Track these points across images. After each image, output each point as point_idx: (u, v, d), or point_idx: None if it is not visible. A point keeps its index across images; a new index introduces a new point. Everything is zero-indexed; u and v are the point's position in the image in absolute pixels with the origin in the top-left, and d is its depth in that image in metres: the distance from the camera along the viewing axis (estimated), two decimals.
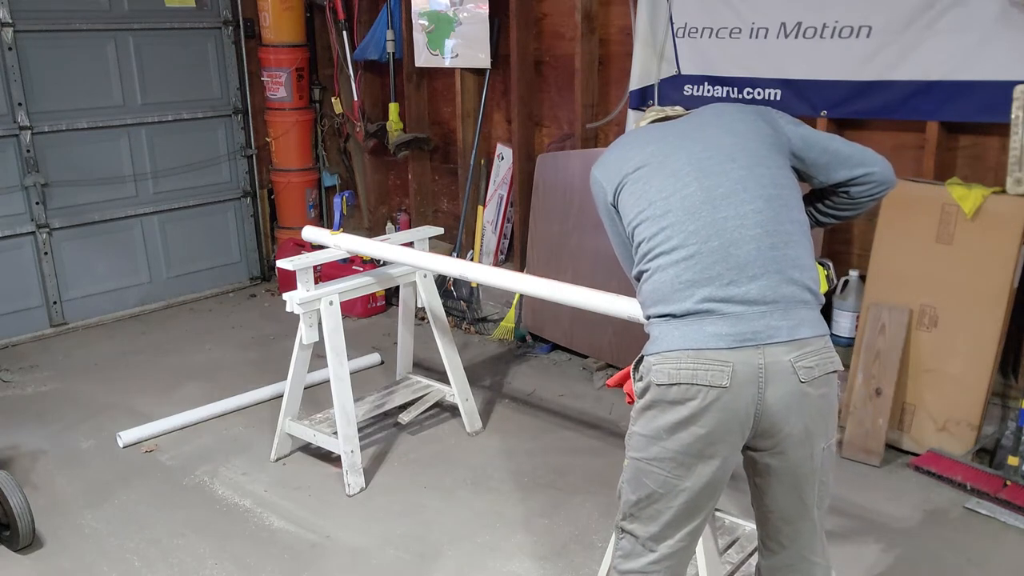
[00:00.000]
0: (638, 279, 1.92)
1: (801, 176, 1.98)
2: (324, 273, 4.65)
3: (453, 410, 3.82)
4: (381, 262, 3.68)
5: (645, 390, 1.81)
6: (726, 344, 1.73)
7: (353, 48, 5.36)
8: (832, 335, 3.76)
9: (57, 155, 4.84)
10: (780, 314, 1.76)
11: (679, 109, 2.14)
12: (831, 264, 2.19)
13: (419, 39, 4.99)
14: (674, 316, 1.79)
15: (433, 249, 3.61)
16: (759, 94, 3.75)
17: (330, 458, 3.46)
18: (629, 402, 1.90)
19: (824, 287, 2.13)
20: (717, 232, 1.79)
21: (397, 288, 3.84)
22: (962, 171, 3.39)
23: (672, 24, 3.93)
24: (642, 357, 1.84)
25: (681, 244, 1.81)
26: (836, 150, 1.96)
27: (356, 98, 5.44)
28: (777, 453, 1.82)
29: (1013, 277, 3.14)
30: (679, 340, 1.76)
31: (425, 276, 3.58)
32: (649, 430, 1.82)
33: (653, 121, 2.09)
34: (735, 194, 1.82)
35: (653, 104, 4.05)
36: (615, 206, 1.98)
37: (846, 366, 3.61)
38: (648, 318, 1.87)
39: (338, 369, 3.25)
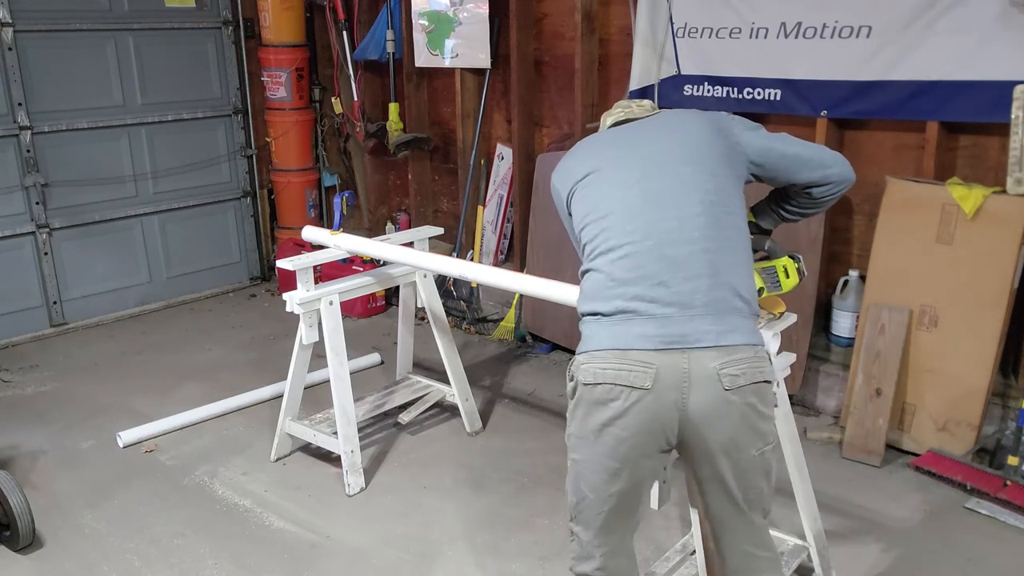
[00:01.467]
0: (582, 278, 1.95)
1: (762, 179, 2.00)
2: (324, 273, 4.65)
3: (453, 410, 3.82)
4: (381, 262, 3.68)
5: (575, 390, 1.82)
6: (652, 345, 1.73)
7: (353, 48, 5.36)
8: (832, 335, 3.79)
9: (57, 155, 4.84)
10: (711, 319, 1.75)
11: (645, 105, 2.14)
12: (802, 257, 2.24)
13: (419, 39, 4.99)
14: (603, 315, 1.80)
15: (433, 249, 3.61)
16: (759, 94, 3.75)
17: (330, 458, 3.46)
18: None
19: (795, 280, 2.19)
20: (653, 233, 1.80)
21: (397, 288, 3.85)
22: (962, 171, 3.39)
23: (672, 24, 3.93)
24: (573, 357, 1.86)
25: (618, 244, 1.82)
26: (795, 155, 1.98)
27: (356, 98, 5.44)
28: (705, 461, 1.81)
29: (1013, 277, 3.14)
30: (606, 340, 1.77)
31: (425, 276, 3.58)
32: (581, 431, 1.83)
33: (615, 123, 2.11)
34: (676, 198, 1.83)
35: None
36: (569, 212, 2.02)
37: (846, 366, 3.61)
38: (582, 316, 1.88)
39: (338, 369, 3.25)
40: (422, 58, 5.03)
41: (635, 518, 1.93)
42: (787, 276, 2.21)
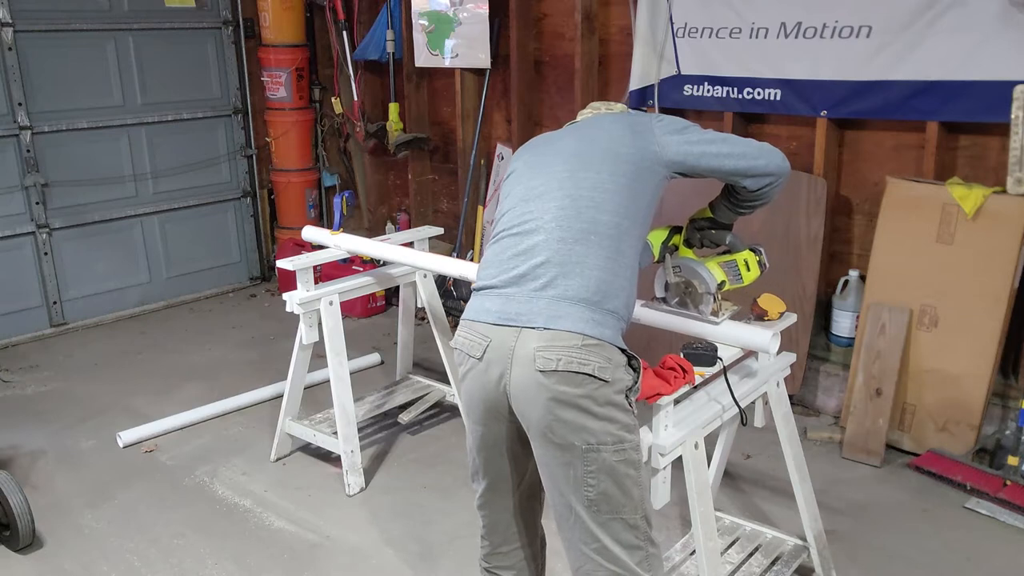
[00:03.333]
0: None
1: (688, 175, 2.03)
2: (324, 273, 4.65)
3: (453, 410, 3.82)
4: (381, 262, 3.68)
5: None
6: (491, 320, 1.86)
7: (353, 48, 5.36)
8: (832, 335, 3.78)
9: (57, 155, 4.84)
10: (546, 302, 1.82)
11: (615, 108, 2.19)
12: (763, 250, 2.28)
13: (419, 39, 4.99)
14: (475, 290, 1.96)
15: (433, 249, 3.61)
16: (759, 94, 3.75)
17: (330, 458, 3.46)
18: (650, 401, 1.95)
19: (756, 273, 2.24)
20: (520, 223, 1.94)
21: (397, 288, 3.85)
22: (962, 171, 3.39)
23: (672, 24, 3.93)
24: None
25: (497, 231, 1.99)
26: (718, 151, 2.01)
27: (356, 98, 5.44)
28: (533, 441, 1.86)
29: (1013, 277, 3.14)
30: (470, 311, 1.93)
31: (425, 276, 3.58)
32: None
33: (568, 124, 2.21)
34: (548, 192, 1.94)
35: (653, 104, 4.05)
36: None
37: (846, 366, 3.61)
38: None
39: (338, 369, 3.25)
40: (422, 58, 5.03)
41: (504, 490, 2.02)
42: (748, 269, 2.25)
